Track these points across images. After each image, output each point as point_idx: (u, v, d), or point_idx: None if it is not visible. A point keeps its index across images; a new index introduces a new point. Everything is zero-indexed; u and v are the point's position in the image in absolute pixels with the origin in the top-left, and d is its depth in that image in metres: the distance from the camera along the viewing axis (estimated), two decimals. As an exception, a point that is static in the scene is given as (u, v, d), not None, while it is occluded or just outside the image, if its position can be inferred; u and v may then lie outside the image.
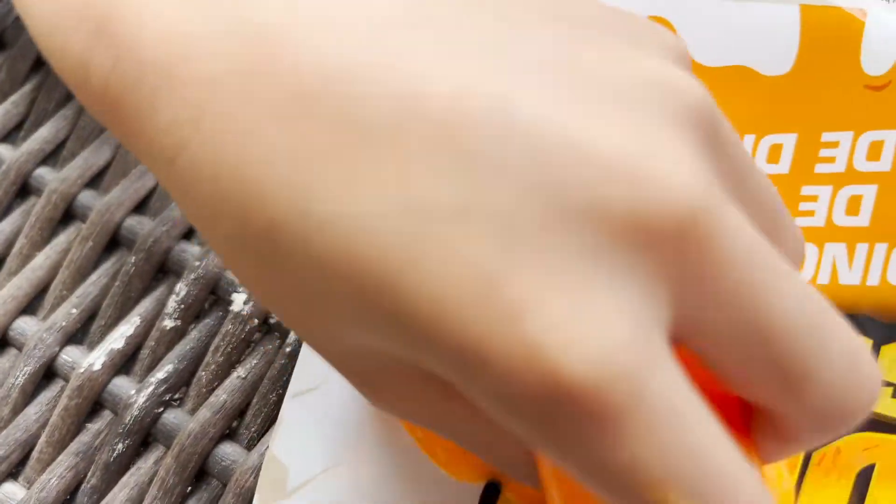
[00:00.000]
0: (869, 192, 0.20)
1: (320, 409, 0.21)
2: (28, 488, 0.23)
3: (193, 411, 0.23)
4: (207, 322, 0.24)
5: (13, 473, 0.24)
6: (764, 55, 0.22)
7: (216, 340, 0.24)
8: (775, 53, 0.22)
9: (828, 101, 0.21)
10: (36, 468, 0.23)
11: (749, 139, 0.22)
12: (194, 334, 0.24)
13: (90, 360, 0.24)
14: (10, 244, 0.26)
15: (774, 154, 0.21)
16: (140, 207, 0.26)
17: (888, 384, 0.19)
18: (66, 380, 0.24)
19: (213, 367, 0.24)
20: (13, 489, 0.23)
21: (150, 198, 0.26)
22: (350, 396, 0.21)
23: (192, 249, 0.25)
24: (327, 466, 0.21)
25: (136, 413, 0.23)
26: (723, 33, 0.22)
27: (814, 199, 0.21)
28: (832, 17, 0.22)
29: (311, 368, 0.22)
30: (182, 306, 0.25)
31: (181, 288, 0.25)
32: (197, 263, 0.25)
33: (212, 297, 0.25)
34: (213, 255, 0.25)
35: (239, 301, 0.24)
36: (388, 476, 0.21)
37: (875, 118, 0.21)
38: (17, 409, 0.24)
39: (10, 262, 0.26)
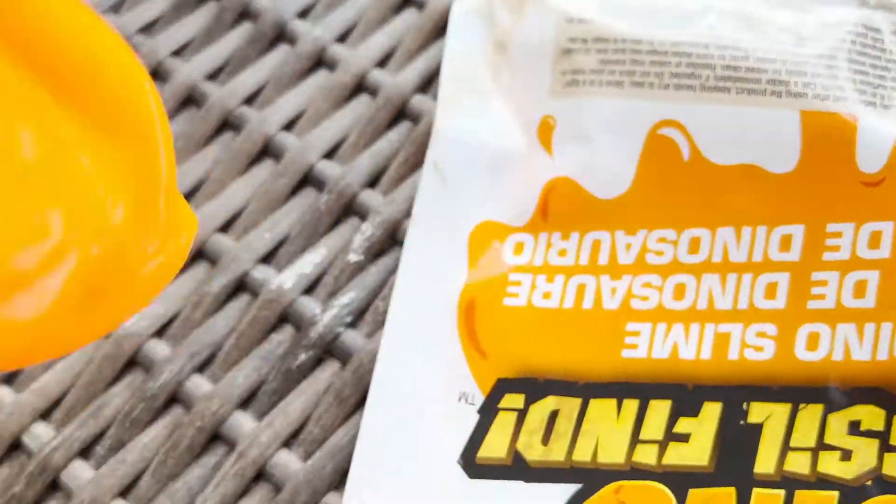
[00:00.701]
0: (873, 277, 0.23)
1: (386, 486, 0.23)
2: (215, 384, 0.26)
3: (370, 336, 0.26)
4: (387, 260, 0.27)
5: (200, 369, 0.26)
6: (771, 154, 0.24)
7: (393, 277, 0.26)
8: (781, 153, 0.24)
9: (830, 195, 0.24)
10: (222, 367, 0.26)
11: (762, 230, 0.24)
12: (374, 269, 0.27)
13: (281, 279, 0.27)
14: (207, 174, 0.29)
15: (785, 243, 0.24)
16: (330, 154, 0.29)
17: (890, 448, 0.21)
18: (255, 294, 0.27)
19: (389, 299, 0.26)
20: (200, 381, 0.26)
21: (342, 145, 0.29)
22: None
23: (377, 196, 0.28)
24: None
25: (320, 329, 0.26)
26: (733, 135, 0.25)
27: (824, 283, 0.23)
28: (829, 121, 0.24)
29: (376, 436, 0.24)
30: (366, 244, 0.27)
31: (367, 228, 0.27)
32: (381, 209, 0.27)
33: (390, 240, 0.27)
34: (395, 202, 0.27)
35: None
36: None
37: (873, 211, 0.23)
38: (208, 314, 0.27)
39: (208, 186, 0.29)
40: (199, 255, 0.28)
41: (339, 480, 0.24)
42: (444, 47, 0.29)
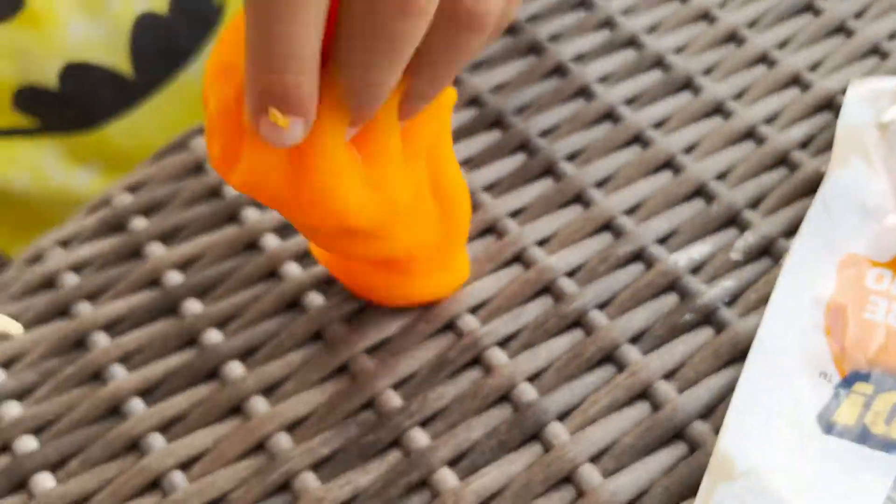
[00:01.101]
0: None
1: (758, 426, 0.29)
2: (610, 320, 0.32)
3: (741, 316, 0.32)
4: (758, 265, 0.33)
5: (601, 306, 0.33)
6: None
7: (766, 277, 0.33)
8: None
9: None
10: (618, 309, 0.33)
11: None
12: (749, 268, 0.33)
13: (675, 257, 0.33)
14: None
15: None
16: (722, 176, 0.36)
17: None
18: (650, 265, 0.34)
19: (760, 292, 0.32)
20: (600, 315, 0.32)
21: (732, 171, 0.36)
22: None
23: (756, 215, 0.34)
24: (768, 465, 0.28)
25: (703, 300, 0.32)
26: None
27: None
28: None
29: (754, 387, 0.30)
30: (746, 248, 0.34)
31: (748, 236, 0.34)
32: (761, 225, 0.34)
33: (764, 250, 0.34)
34: (772, 223, 0.34)
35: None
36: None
37: None
38: (610, 270, 0.34)
39: (624, 191, 0.36)
40: (606, 227, 0.35)
41: (706, 412, 0.30)
42: (839, 117, 0.35)
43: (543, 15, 0.43)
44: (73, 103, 0.45)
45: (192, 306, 0.34)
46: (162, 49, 0.46)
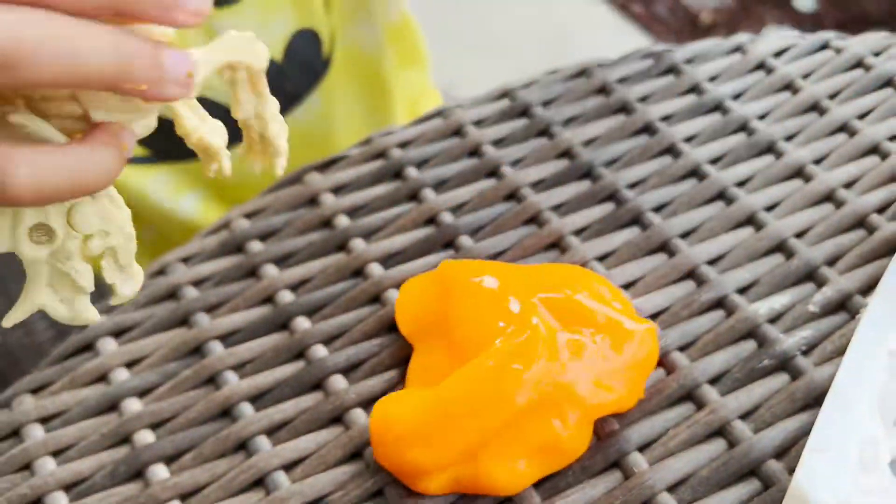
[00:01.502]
0: None
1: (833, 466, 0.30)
2: (691, 361, 0.34)
3: (817, 364, 0.33)
4: (835, 318, 0.35)
5: (681, 348, 0.35)
6: None
7: (842, 329, 0.34)
8: None
9: None
10: (700, 350, 0.34)
11: None
12: (826, 321, 0.35)
13: (755, 307, 0.35)
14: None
15: None
16: (800, 235, 0.38)
17: None
18: (731, 312, 0.35)
19: (836, 343, 0.34)
20: (682, 356, 0.34)
21: (809, 231, 0.38)
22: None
23: (833, 272, 0.36)
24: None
25: (781, 348, 0.34)
26: None
27: None
28: None
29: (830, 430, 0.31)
30: (824, 302, 0.35)
31: (826, 290, 0.35)
32: (838, 282, 0.35)
33: (840, 304, 0.35)
34: (849, 279, 0.35)
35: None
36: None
37: None
38: (693, 315, 0.35)
39: (709, 242, 0.38)
40: (689, 275, 0.37)
41: (780, 452, 0.31)
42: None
43: (634, 78, 0.45)
44: None
45: (302, 323, 0.37)
46: (274, 92, 0.50)
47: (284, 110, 0.52)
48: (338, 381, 0.35)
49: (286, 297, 0.38)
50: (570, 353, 0.32)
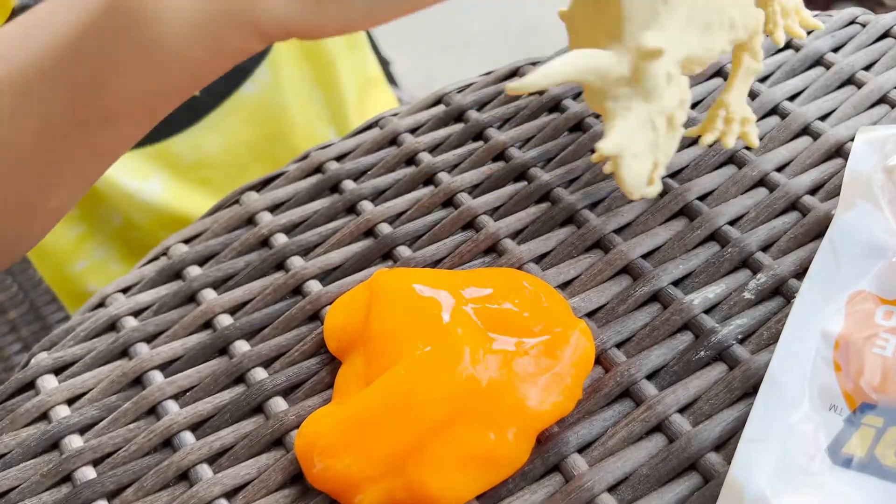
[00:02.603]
0: None
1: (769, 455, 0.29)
2: (627, 357, 0.33)
3: (754, 352, 0.32)
4: (770, 304, 0.34)
5: (619, 345, 0.34)
6: None
7: (777, 315, 0.33)
8: None
9: None
10: (636, 347, 0.33)
11: None
12: (762, 307, 0.34)
13: (690, 297, 0.34)
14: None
15: None
16: (734, 222, 0.37)
17: None
18: (666, 305, 0.34)
19: (772, 330, 0.33)
20: (619, 353, 0.33)
21: (743, 217, 0.37)
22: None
23: (767, 258, 0.35)
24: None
25: (717, 338, 0.33)
26: None
27: None
28: None
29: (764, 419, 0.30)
30: (758, 288, 0.34)
31: (760, 277, 0.34)
32: (773, 267, 0.34)
33: (776, 290, 0.34)
34: (783, 264, 0.34)
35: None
36: None
37: None
38: (629, 310, 0.34)
39: (645, 235, 0.37)
40: (625, 270, 0.36)
41: (719, 444, 0.30)
42: (847, 164, 0.36)
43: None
44: None
45: (241, 347, 0.36)
46: None
47: (235, 85, 0.52)
48: (277, 404, 0.34)
49: (225, 320, 0.37)
50: (503, 362, 0.31)
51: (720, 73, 0.43)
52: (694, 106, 0.42)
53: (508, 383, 0.30)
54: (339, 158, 0.43)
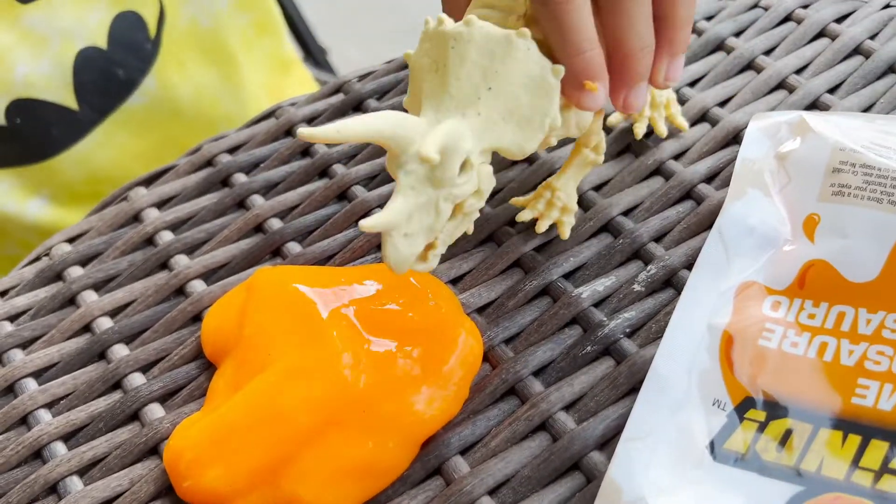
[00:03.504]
0: None
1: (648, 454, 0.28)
2: (515, 354, 0.32)
3: (642, 346, 0.31)
4: (661, 296, 0.33)
5: (507, 341, 0.32)
6: None
7: (667, 308, 0.32)
8: None
9: None
10: (524, 343, 0.32)
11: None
12: (651, 300, 0.33)
13: (579, 291, 0.33)
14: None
15: None
16: (627, 213, 0.36)
17: None
18: (556, 299, 0.33)
19: (661, 323, 0.32)
20: (506, 349, 0.32)
21: (637, 208, 0.36)
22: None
23: (660, 248, 0.34)
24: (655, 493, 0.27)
25: (605, 332, 0.32)
26: None
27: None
28: None
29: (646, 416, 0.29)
30: (648, 280, 0.33)
31: (651, 268, 0.33)
32: (664, 258, 0.33)
33: (666, 282, 0.33)
34: (674, 255, 0.33)
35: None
36: None
37: None
38: (518, 305, 0.33)
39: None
40: (517, 263, 0.35)
41: (602, 443, 0.29)
42: (739, 151, 0.35)
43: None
44: (22, 138, 0.46)
45: (119, 351, 0.34)
46: (104, 81, 0.47)
47: (120, 99, 0.50)
48: (154, 411, 0.32)
49: (104, 323, 0.35)
50: (383, 366, 0.29)
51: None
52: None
53: (388, 388, 0.29)
54: (233, 151, 0.41)
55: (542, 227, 0.35)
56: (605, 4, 0.30)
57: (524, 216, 0.35)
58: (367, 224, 0.26)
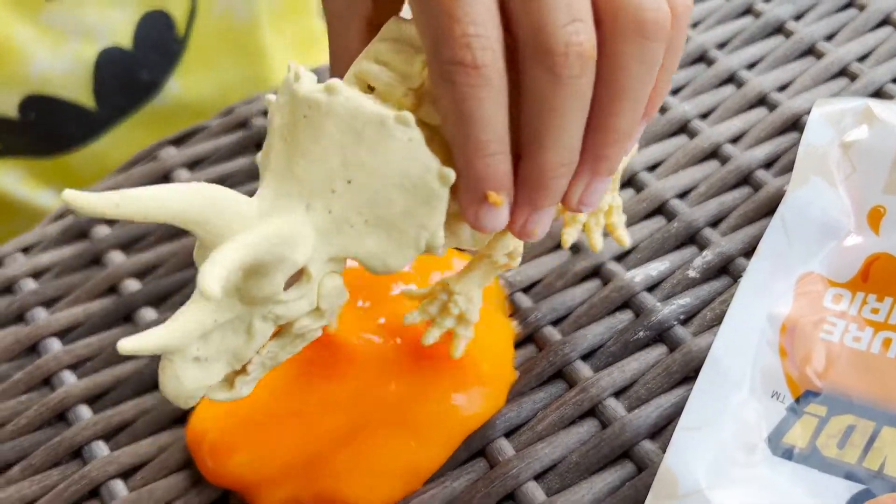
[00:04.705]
0: None
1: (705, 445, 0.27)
2: (563, 335, 0.31)
3: (696, 334, 0.31)
4: (716, 283, 0.32)
5: (555, 322, 0.32)
6: None
7: (723, 295, 0.31)
8: None
9: None
10: (573, 325, 0.31)
11: None
12: (706, 286, 0.32)
13: (631, 274, 0.32)
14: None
15: None
16: (683, 195, 0.35)
17: None
18: (606, 281, 0.32)
19: (717, 311, 0.31)
20: (554, 331, 0.31)
21: (692, 191, 0.35)
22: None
23: (716, 234, 0.33)
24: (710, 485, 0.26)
25: (658, 317, 0.31)
26: None
27: None
28: None
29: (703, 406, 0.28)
30: (704, 266, 0.32)
31: (706, 254, 0.33)
32: (720, 243, 0.33)
33: (722, 268, 0.32)
34: (732, 241, 0.32)
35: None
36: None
37: None
38: (567, 286, 0.32)
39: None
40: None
41: (654, 432, 0.29)
42: (802, 138, 0.34)
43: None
44: (34, 132, 0.45)
45: (147, 314, 0.33)
46: (126, 82, 0.46)
47: (141, 100, 0.49)
48: (183, 377, 0.31)
49: (132, 285, 0.34)
50: (418, 369, 0.29)
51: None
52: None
53: (426, 389, 0.28)
54: (266, 113, 0.40)
55: (428, 338, 0.28)
56: (530, 98, 0.23)
57: (412, 318, 0.28)
58: (126, 346, 0.19)
